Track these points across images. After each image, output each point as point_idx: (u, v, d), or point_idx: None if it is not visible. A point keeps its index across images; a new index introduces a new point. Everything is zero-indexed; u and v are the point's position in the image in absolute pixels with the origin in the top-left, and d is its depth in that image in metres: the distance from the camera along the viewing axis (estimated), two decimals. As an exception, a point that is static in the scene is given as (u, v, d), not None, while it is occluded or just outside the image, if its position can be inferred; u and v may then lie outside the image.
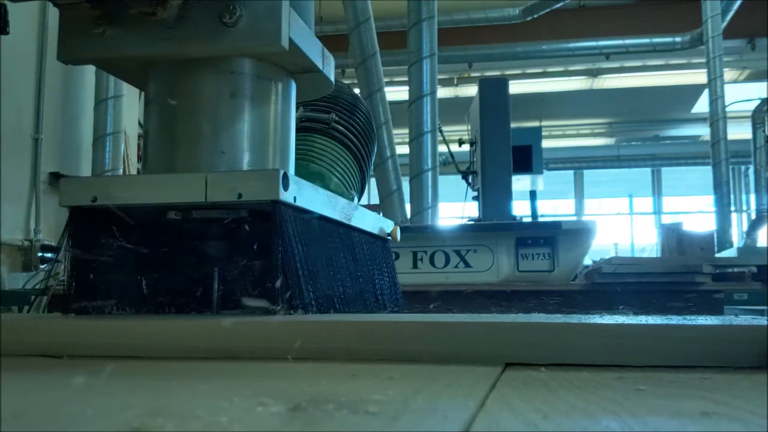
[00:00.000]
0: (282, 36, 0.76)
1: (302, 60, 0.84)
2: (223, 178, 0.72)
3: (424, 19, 3.07)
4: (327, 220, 0.83)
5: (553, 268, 2.49)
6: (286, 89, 0.86)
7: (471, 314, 0.69)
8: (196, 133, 0.79)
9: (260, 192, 0.70)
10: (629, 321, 0.54)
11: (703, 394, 0.40)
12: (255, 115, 0.81)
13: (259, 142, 0.81)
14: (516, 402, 0.37)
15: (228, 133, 0.79)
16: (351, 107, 1.30)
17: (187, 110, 0.80)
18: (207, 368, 0.51)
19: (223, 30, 0.76)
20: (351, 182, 1.27)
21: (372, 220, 1.00)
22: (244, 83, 0.81)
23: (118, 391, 0.41)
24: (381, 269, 1.03)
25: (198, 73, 0.80)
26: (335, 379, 0.44)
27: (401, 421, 0.31)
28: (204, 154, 0.79)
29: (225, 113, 0.79)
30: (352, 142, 1.28)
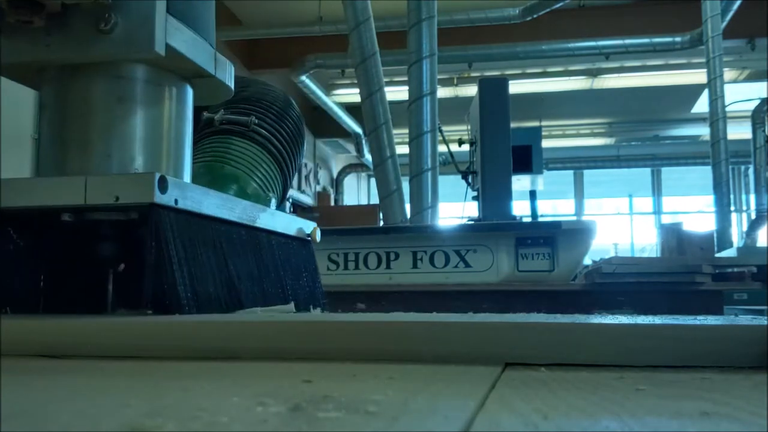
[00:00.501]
0: (156, 42, 0.79)
1: (189, 65, 0.87)
2: (102, 182, 0.74)
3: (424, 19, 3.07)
4: (223, 222, 0.85)
5: (553, 268, 2.49)
6: (180, 93, 0.89)
7: (471, 314, 0.69)
8: (84, 137, 0.82)
9: (136, 195, 0.72)
10: (629, 321, 0.54)
11: (703, 394, 0.40)
12: (145, 119, 0.84)
13: (149, 145, 0.84)
14: (516, 402, 0.37)
15: (115, 137, 0.82)
16: (279, 112, 1.32)
17: (76, 114, 0.83)
18: (207, 368, 0.51)
19: (99, 37, 0.80)
20: (270, 185, 1.30)
21: (286, 221, 1.03)
22: (132, 88, 0.84)
23: (118, 391, 0.41)
24: (296, 270, 1.05)
25: (86, 78, 0.83)
26: (335, 379, 0.44)
27: (401, 421, 0.31)
28: (91, 157, 0.82)
29: (112, 117, 0.82)
30: (274, 146, 1.30)
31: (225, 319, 0.62)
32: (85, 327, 0.60)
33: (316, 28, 6.86)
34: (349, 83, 8.01)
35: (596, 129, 10.03)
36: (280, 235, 1.01)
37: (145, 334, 0.58)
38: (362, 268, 2.61)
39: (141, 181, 0.73)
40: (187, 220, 0.78)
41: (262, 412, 0.33)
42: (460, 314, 0.70)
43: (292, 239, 1.06)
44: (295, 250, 1.07)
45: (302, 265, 1.08)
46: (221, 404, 0.35)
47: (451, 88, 8.10)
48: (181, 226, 0.76)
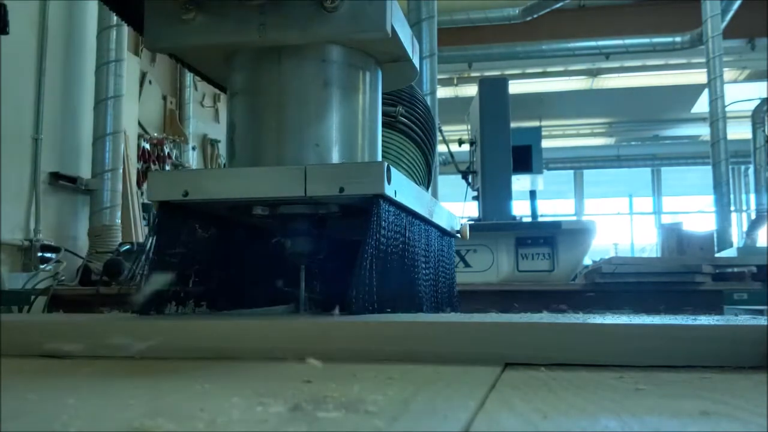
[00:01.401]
0: (386, 22, 0.73)
1: (396, 48, 0.80)
2: (324, 171, 0.69)
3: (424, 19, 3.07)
4: (416, 216, 0.80)
5: (553, 268, 2.49)
6: (374, 79, 0.83)
7: (471, 314, 0.69)
8: (287, 124, 0.75)
9: (365, 186, 0.67)
10: (629, 321, 0.54)
11: (703, 393, 0.40)
12: (346, 105, 0.78)
13: (349, 134, 0.78)
14: (516, 402, 0.37)
15: (321, 124, 0.76)
16: (410, 98, 1.23)
17: (277, 101, 0.76)
18: (207, 368, 0.51)
19: (323, 15, 0.73)
20: (418, 176, 1.23)
21: (446, 216, 0.97)
22: (336, 72, 0.77)
23: (118, 391, 0.41)
24: (447, 268, 1.00)
25: (288, 61, 0.76)
26: (335, 379, 0.44)
27: (401, 421, 0.31)
28: (297, 146, 0.75)
29: (317, 104, 0.76)
30: (416, 133, 1.22)
31: (225, 319, 0.62)
32: (86, 327, 0.60)
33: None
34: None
35: (596, 129, 10.02)
36: (441, 230, 0.96)
37: (145, 335, 0.58)
38: (362, 268, 2.60)
39: (370, 172, 0.67)
40: (398, 214, 0.73)
41: (262, 411, 0.33)
42: (460, 314, 0.70)
43: (447, 234, 1.00)
44: (447, 246, 1.01)
45: (449, 262, 1.03)
46: (221, 404, 0.35)
47: (451, 88, 8.10)
48: (395, 219, 0.72)
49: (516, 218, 3.32)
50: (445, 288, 0.98)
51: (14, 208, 2.98)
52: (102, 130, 3.36)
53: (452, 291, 1.03)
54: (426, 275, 0.86)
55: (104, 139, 3.36)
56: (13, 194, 2.96)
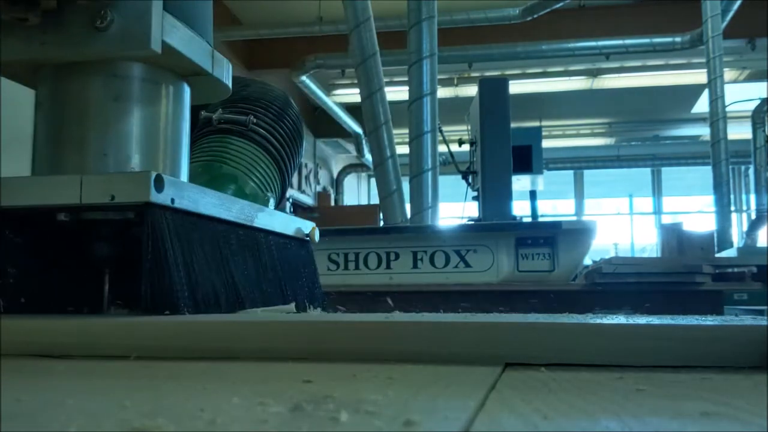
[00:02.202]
0: (152, 40, 0.78)
1: (186, 63, 0.86)
2: (97, 180, 0.73)
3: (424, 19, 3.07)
4: (220, 222, 0.84)
5: (553, 268, 2.49)
6: (177, 92, 0.88)
7: (471, 314, 0.69)
8: (80, 135, 0.81)
9: (132, 194, 0.71)
10: (629, 321, 0.54)
11: (703, 394, 0.40)
12: (141, 117, 0.83)
13: (145, 144, 0.83)
14: (516, 402, 0.37)
15: (111, 136, 0.81)
16: (278, 112, 1.31)
17: (72, 113, 0.82)
18: (207, 368, 0.51)
19: (96, 34, 0.79)
20: (269, 185, 1.29)
21: (284, 221, 1.03)
22: (129, 86, 0.83)
23: (117, 391, 0.41)
24: (295, 270, 1.04)
25: (82, 76, 0.83)
26: (335, 379, 0.44)
27: (401, 421, 0.31)
28: (87, 156, 0.81)
29: (108, 116, 0.82)
30: (273, 145, 1.29)
31: (225, 319, 0.62)
32: (85, 327, 0.60)
33: (316, 28, 6.86)
34: (349, 83, 8.01)
35: (596, 129, 10.02)
36: (278, 235, 1.00)
37: (146, 334, 0.58)
38: (362, 269, 2.61)
39: (137, 180, 0.72)
40: (184, 220, 0.77)
41: (263, 411, 0.33)
42: (460, 314, 0.70)
43: (291, 239, 1.05)
44: (294, 250, 1.06)
45: (301, 265, 1.07)
46: (221, 404, 0.35)
47: (451, 88, 8.10)
48: (177, 225, 0.75)
49: (516, 218, 3.32)
50: (295, 287, 1.03)
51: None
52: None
53: (311, 289, 1.08)
54: (248, 275, 0.89)
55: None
56: None
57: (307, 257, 1.11)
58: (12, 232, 0.81)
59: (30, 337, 0.60)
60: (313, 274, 1.12)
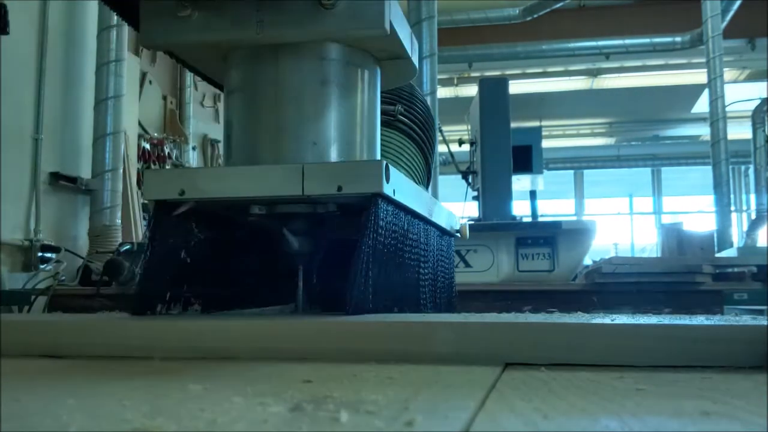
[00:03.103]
0: (384, 19, 0.72)
1: (395, 46, 0.79)
2: (322, 170, 0.68)
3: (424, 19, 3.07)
4: (414, 215, 0.80)
5: (554, 268, 2.49)
6: (373, 77, 0.82)
7: (471, 314, 0.69)
8: (285, 123, 0.75)
9: (363, 184, 0.67)
10: (629, 321, 0.54)
11: (703, 393, 0.40)
12: (344, 103, 0.77)
13: (348, 132, 0.78)
14: (516, 402, 0.37)
15: (319, 123, 0.76)
16: (410, 96, 1.22)
17: (275, 99, 0.76)
18: (207, 368, 0.51)
19: (321, 12, 0.72)
20: (417, 175, 1.22)
21: (445, 215, 0.97)
22: (334, 70, 0.77)
23: (118, 391, 0.41)
24: (446, 267, 0.99)
25: (285, 59, 0.76)
26: (335, 379, 0.44)
27: (401, 420, 0.31)
28: (294, 145, 0.75)
29: (315, 102, 0.76)
30: (415, 132, 1.21)
31: (225, 319, 0.62)
32: (85, 327, 0.60)
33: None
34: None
35: (596, 129, 10.02)
36: (441, 230, 0.95)
37: (146, 335, 0.58)
38: (362, 268, 2.60)
39: (368, 170, 0.67)
40: (397, 213, 0.73)
41: (263, 411, 0.33)
42: (460, 314, 0.70)
43: (446, 234, 1.00)
44: (446, 245, 1.01)
45: (449, 262, 1.02)
46: (221, 404, 0.35)
47: (451, 88, 8.10)
48: (393, 218, 0.71)
49: (516, 218, 3.32)
50: (445, 288, 0.98)
51: (14, 208, 2.98)
52: (102, 130, 3.35)
53: (451, 291, 1.03)
54: (425, 275, 0.85)
55: (104, 139, 3.36)
56: (14, 194, 2.96)
57: (452, 253, 1.05)
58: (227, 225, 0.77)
59: (30, 337, 0.60)
60: (453, 271, 1.06)
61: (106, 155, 3.37)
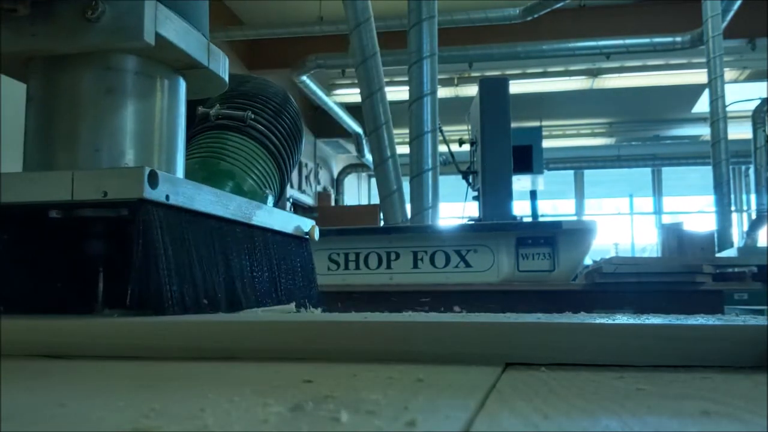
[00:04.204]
0: (145, 31, 0.76)
1: (181, 56, 0.84)
2: (89, 176, 0.71)
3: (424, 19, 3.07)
4: (217, 219, 0.83)
5: (554, 268, 2.49)
6: (173, 86, 0.86)
7: (471, 314, 0.69)
8: (71, 130, 0.79)
9: (125, 190, 0.69)
10: (629, 321, 0.54)
11: (704, 393, 0.40)
12: (135, 111, 0.81)
13: (139, 139, 0.81)
14: (516, 402, 0.37)
15: (103, 130, 0.79)
16: (277, 108, 1.28)
17: (64, 107, 0.80)
18: (207, 368, 0.51)
19: (86, 26, 0.77)
20: (267, 182, 1.27)
21: (283, 219, 1.01)
22: (122, 79, 0.81)
23: (118, 391, 0.41)
24: (293, 269, 1.03)
25: (74, 69, 0.80)
26: (335, 379, 0.44)
27: (401, 421, 0.31)
28: (78, 152, 0.79)
29: (100, 110, 0.79)
30: (272, 142, 1.26)
31: (225, 319, 0.62)
32: (85, 327, 0.60)
33: (316, 28, 6.86)
34: (349, 83, 8.01)
35: (596, 129, 10.03)
36: (277, 233, 0.99)
37: (146, 335, 0.58)
38: (363, 268, 2.61)
39: (130, 176, 0.70)
40: (179, 217, 0.75)
41: (263, 411, 0.33)
42: (460, 314, 0.70)
43: (290, 237, 1.04)
44: (293, 248, 1.05)
45: (300, 265, 1.06)
46: (221, 404, 0.35)
47: (451, 88, 8.10)
48: (171, 223, 0.73)
49: (516, 218, 3.32)
50: (295, 287, 1.01)
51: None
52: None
53: (309, 290, 1.06)
54: (245, 276, 0.87)
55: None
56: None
57: (306, 256, 1.09)
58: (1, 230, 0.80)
59: (30, 337, 0.60)
60: (312, 273, 1.10)
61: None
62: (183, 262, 0.75)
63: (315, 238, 1.11)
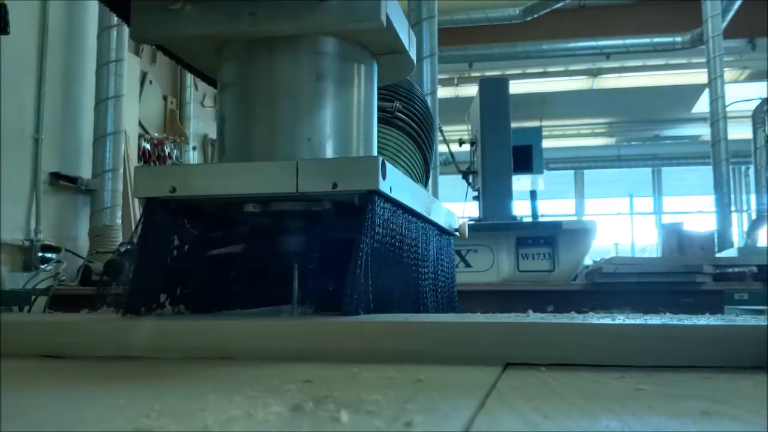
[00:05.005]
0: (380, 11, 0.70)
1: (392, 40, 0.78)
2: (316, 167, 0.66)
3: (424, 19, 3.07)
4: (412, 213, 0.78)
5: (554, 268, 2.49)
6: (370, 71, 0.80)
7: (471, 314, 0.69)
8: (279, 118, 0.73)
9: (358, 181, 0.65)
10: (629, 321, 0.54)
11: (704, 393, 0.40)
12: (341, 99, 0.76)
13: (344, 128, 0.76)
14: (516, 402, 0.37)
15: (313, 118, 0.74)
16: (408, 93, 1.20)
17: (269, 94, 0.74)
18: (207, 368, 0.51)
19: (316, 5, 0.71)
20: (416, 173, 1.20)
21: (444, 214, 0.95)
22: (330, 64, 0.75)
23: (118, 391, 0.41)
24: (446, 266, 0.98)
25: (280, 53, 0.74)
26: (335, 379, 0.44)
27: (401, 420, 0.31)
28: (289, 141, 0.73)
29: (309, 97, 0.74)
30: (414, 130, 1.19)
31: (225, 320, 0.61)
32: (86, 327, 0.60)
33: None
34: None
35: (597, 129, 10.02)
36: (439, 228, 0.94)
37: (146, 335, 0.58)
38: (363, 268, 2.60)
39: (363, 167, 0.65)
40: (394, 211, 0.71)
41: (263, 411, 0.33)
42: (460, 314, 0.70)
43: (445, 233, 0.99)
44: (445, 244, 0.99)
45: (448, 261, 1.00)
46: (222, 404, 0.35)
47: (451, 88, 8.10)
48: (390, 216, 0.70)
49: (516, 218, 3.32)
50: (445, 287, 0.97)
51: (15, 208, 2.98)
52: (102, 130, 3.36)
53: (452, 290, 1.01)
54: (424, 274, 0.84)
55: (105, 139, 3.36)
56: (14, 194, 2.96)
57: (452, 252, 1.03)
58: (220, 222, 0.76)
59: (31, 337, 0.60)
60: (453, 270, 1.04)
61: (107, 155, 3.37)
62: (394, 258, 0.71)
63: (465, 235, 1.04)
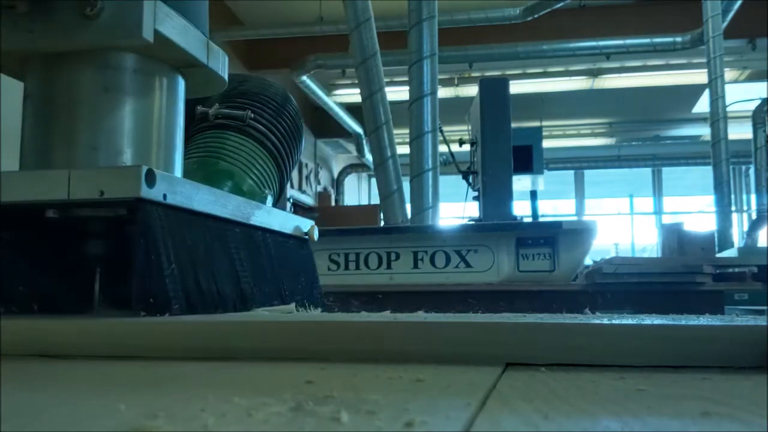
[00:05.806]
0: (144, 28, 0.76)
1: (180, 54, 0.83)
2: (86, 175, 0.70)
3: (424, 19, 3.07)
4: (215, 219, 0.82)
5: (554, 268, 2.49)
6: (171, 84, 0.86)
7: (471, 314, 0.69)
8: (68, 129, 0.79)
9: (122, 189, 0.69)
10: (629, 321, 0.54)
11: (704, 394, 0.40)
12: (133, 110, 0.81)
13: (137, 138, 0.81)
14: (516, 402, 0.37)
15: (101, 129, 0.79)
16: (277, 107, 1.28)
17: (61, 105, 0.80)
18: (206, 368, 0.51)
19: (85, 23, 0.76)
20: (267, 182, 1.27)
21: (282, 219, 1.01)
22: (120, 77, 0.80)
23: (117, 391, 0.41)
24: (293, 269, 1.03)
25: (72, 67, 0.80)
26: (335, 379, 0.44)
27: (401, 420, 0.31)
28: (75, 150, 0.78)
29: (98, 108, 0.79)
30: (271, 141, 1.26)
31: (225, 319, 0.61)
32: (85, 327, 0.60)
33: (316, 28, 6.86)
34: (349, 83, 8.01)
35: (597, 129, 10.03)
36: (276, 234, 0.99)
37: (145, 334, 0.58)
38: (363, 269, 2.61)
39: (127, 175, 0.69)
40: (178, 217, 0.74)
41: (263, 412, 0.33)
42: (460, 314, 0.70)
43: (289, 238, 1.04)
44: (293, 249, 1.05)
45: (300, 265, 1.06)
46: (222, 404, 0.35)
47: (451, 88, 8.10)
48: (170, 222, 0.73)
49: (517, 218, 3.32)
50: (298, 287, 1.01)
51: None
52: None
53: (312, 290, 1.06)
54: (242, 274, 0.87)
55: None
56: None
57: (306, 256, 1.09)
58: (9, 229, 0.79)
59: (30, 337, 0.60)
60: (313, 273, 1.10)
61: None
62: (183, 261, 0.74)
63: (314, 238, 1.11)
